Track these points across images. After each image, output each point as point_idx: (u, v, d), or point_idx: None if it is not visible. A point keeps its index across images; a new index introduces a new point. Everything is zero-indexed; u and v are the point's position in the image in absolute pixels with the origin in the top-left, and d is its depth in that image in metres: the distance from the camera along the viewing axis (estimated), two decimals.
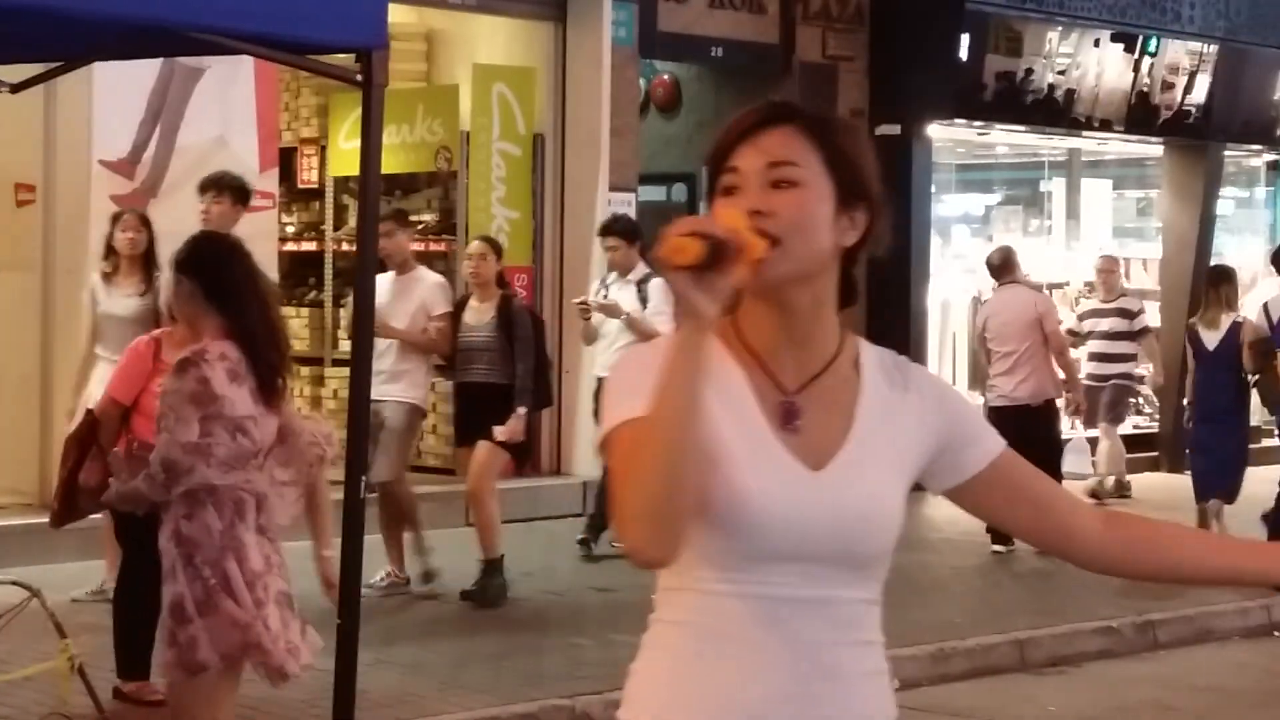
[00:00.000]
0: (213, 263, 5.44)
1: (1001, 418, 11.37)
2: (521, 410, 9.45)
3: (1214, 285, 12.49)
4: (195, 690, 5.28)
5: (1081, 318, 14.63)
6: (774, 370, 2.55)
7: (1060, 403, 12.29)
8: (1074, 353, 13.60)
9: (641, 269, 10.57)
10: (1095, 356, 14.27)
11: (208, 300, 5.36)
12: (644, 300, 10.38)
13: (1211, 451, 12.09)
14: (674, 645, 2.52)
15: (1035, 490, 2.67)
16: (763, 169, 2.49)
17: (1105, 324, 14.23)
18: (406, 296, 9.63)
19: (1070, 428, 14.19)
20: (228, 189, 8.93)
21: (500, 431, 9.40)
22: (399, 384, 9.50)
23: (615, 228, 10.82)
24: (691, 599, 2.51)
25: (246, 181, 9.11)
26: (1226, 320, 12.14)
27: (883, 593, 2.59)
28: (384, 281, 9.40)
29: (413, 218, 13.68)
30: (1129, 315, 14.25)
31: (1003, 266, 12.15)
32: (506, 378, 9.48)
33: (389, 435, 9.47)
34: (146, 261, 9.05)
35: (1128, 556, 2.69)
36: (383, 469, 9.37)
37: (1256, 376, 11.94)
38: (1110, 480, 14.39)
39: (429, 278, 9.89)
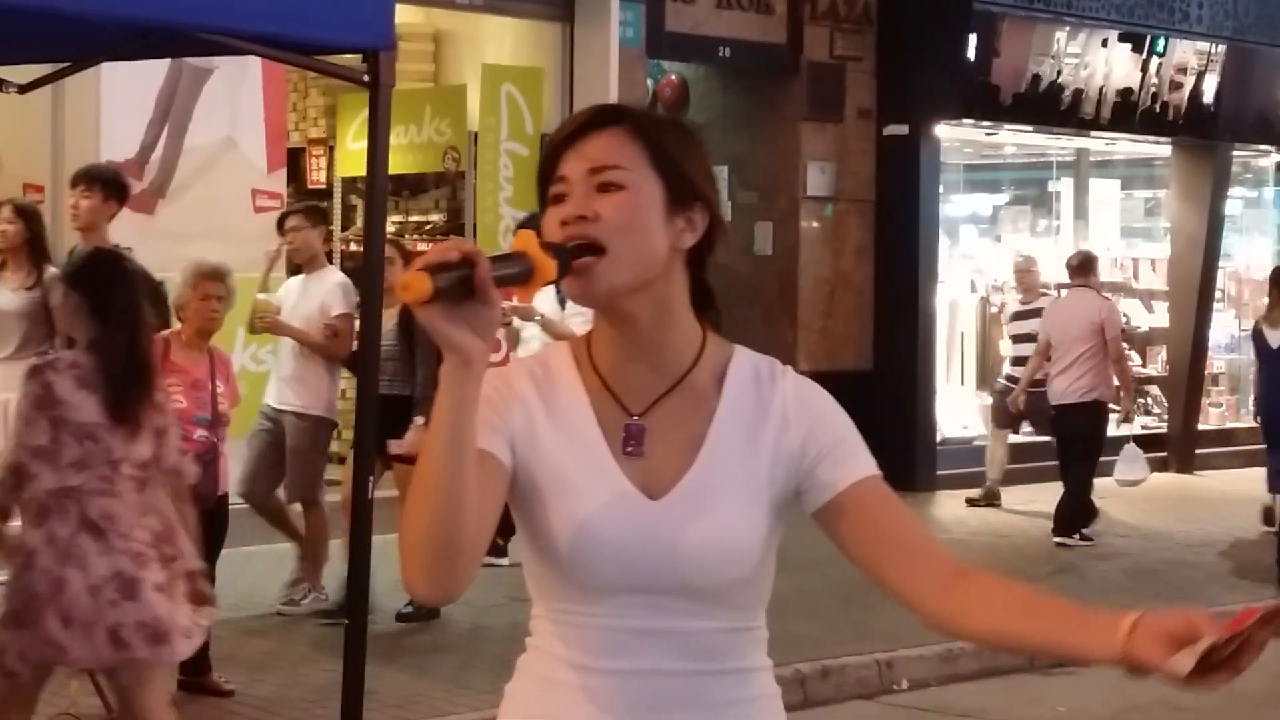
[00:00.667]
0: (102, 283, 5.51)
1: (1055, 415, 12.10)
2: (419, 421, 8.54)
3: (1276, 286, 12.56)
4: (3, 687, 5.42)
5: (1012, 319, 14.22)
6: (619, 390, 2.43)
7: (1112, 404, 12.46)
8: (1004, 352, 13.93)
9: None
10: (1015, 360, 13.70)
11: (91, 317, 5.43)
12: (562, 300, 9.53)
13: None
14: (535, 671, 2.48)
15: (890, 525, 2.43)
16: (587, 174, 2.39)
17: (1028, 326, 13.53)
18: (309, 297, 9.05)
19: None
20: (98, 182, 8.25)
21: (396, 445, 8.52)
22: (300, 391, 8.94)
23: (532, 224, 10.44)
24: (548, 626, 2.45)
25: (122, 176, 8.53)
26: None
27: (763, 616, 2.47)
28: (294, 283, 9.20)
29: (420, 218, 13.76)
30: None
31: (1080, 268, 12.54)
32: (409, 389, 8.73)
33: (293, 455, 8.96)
34: (34, 253, 8.60)
35: (965, 620, 2.38)
36: (293, 492, 9.03)
37: None
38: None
39: (332, 277, 9.14)
